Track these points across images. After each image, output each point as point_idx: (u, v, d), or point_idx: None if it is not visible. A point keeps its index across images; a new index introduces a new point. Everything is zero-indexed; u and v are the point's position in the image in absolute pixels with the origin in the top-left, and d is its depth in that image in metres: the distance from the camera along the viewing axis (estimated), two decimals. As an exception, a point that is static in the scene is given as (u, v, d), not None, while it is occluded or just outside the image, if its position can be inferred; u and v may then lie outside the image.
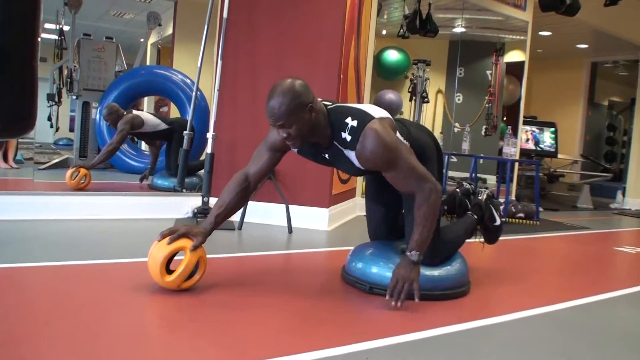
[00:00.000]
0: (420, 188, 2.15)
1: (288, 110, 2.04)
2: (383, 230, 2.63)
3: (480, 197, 2.89)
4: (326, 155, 2.29)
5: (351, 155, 2.17)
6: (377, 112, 2.22)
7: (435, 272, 2.39)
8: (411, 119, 7.50)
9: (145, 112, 4.78)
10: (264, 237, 3.56)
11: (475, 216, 2.81)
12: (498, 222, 2.89)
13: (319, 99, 2.25)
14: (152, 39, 6.09)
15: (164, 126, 4.69)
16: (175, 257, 2.15)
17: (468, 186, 2.98)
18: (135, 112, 4.64)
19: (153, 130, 4.66)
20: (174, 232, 2.15)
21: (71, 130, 5.33)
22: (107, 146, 4.47)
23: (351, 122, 2.13)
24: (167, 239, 2.13)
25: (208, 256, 2.25)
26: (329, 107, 2.22)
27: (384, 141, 2.08)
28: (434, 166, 2.41)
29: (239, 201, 2.34)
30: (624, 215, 7.46)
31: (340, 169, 2.37)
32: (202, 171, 3.87)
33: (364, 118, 2.14)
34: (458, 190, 2.99)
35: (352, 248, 2.63)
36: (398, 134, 2.26)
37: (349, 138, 2.13)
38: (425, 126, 2.75)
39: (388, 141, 2.10)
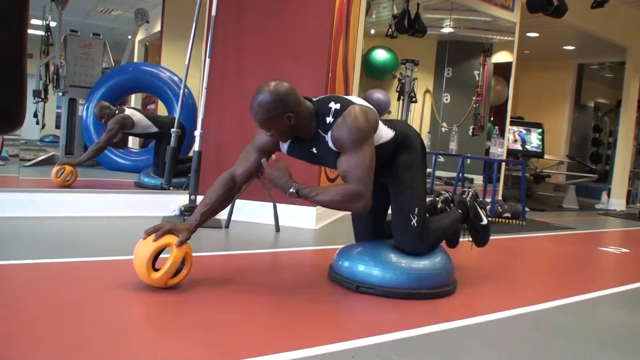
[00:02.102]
0: (355, 185, 2.13)
1: (265, 118, 2.14)
2: (369, 236, 2.63)
3: (464, 196, 2.91)
4: (314, 150, 2.31)
5: (328, 138, 2.22)
6: (361, 102, 2.29)
7: (422, 271, 2.40)
8: (399, 118, 7.53)
9: (138, 112, 4.72)
10: (251, 236, 3.55)
11: (460, 211, 2.82)
12: (485, 221, 2.91)
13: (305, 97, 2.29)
14: (140, 36, 6.05)
15: (154, 129, 4.64)
16: (161, 255, 2.15)
17: (448, 195, 2.99)
18: (127, 110, 4.59)
19: (143, 132, 4.63)
20: (159, 230, 2.15)
21: (57, 127, 5.28)
22: (94, 145, 4.44)
23: (334, 106, 2.20)
24: (152, 236, 2.12)
25: (195, 254, 2.25)
26: (314, 100, 2.28)
27: (358, 122, 2.14)
28: (418, 157, 2.47)
29: (224, 201, 2.36)
30: (608, 215, 7.53)
31: (327, 163, 2.38)
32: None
33: (346, 102, 2.22)
34: (438, 198, 3.00)
35: (339, 247, 2.64)
36: (382, 124, 2.33)
37: (332, 120, 2.19)
38: (410, 125, 2.77)
39: (362, 124, 2.15)
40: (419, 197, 2.44)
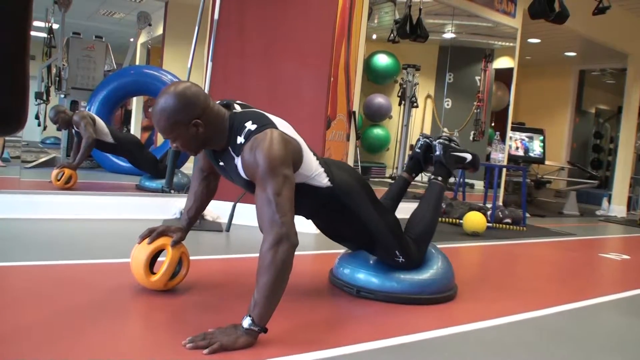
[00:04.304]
0: (271, 228, 1.77)
1: (167, 127, 1.83)
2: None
3: (438, 153, 2.68)
4: (221, 163, 2.03)
5: (238, 162, 1.90)
6: (286, 128, 1.97)
7: (422, 277, 2.39)
8: (400, 123, 7.55)
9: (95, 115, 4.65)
10: (252, 239, 3.54)
11: (440, 178, 2.65)
12: (469, 157, 2.73)
13: (218, 103, 1.99)
14: (142, 38, 6.07)
15: (110, 139, 4.55)
16: (158, 259, 2.14)
17: (427, 140, 2.76)
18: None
19: (100, 138, 4.50)
20: (153, 232, 2.15)
21: (59, 129, 5.29)
22: (84, 142, 4.33)
23: (250, 126, 1.86)
24: (147, 239, 2.12)
25: (195, 257, 2.25)
26: (235, 111, 1.97)
27: (270, 149, 1.77)
28: (366, 204, 2.28)
29: (204, 191, 2.31)
30: (609, 222, 7.52)
31: (233, 180, 2.06)
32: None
33: (264, 123, 1.88)
34: (418, 150, 2.77)
35: (340, 251, 2.64)
36: (316, 162, 2.11)
37: (242, 141, 1.85)
38: (346, 164, 2.53)
39: (275, 152, 1.78)
40: (392, 238, 2.33)
